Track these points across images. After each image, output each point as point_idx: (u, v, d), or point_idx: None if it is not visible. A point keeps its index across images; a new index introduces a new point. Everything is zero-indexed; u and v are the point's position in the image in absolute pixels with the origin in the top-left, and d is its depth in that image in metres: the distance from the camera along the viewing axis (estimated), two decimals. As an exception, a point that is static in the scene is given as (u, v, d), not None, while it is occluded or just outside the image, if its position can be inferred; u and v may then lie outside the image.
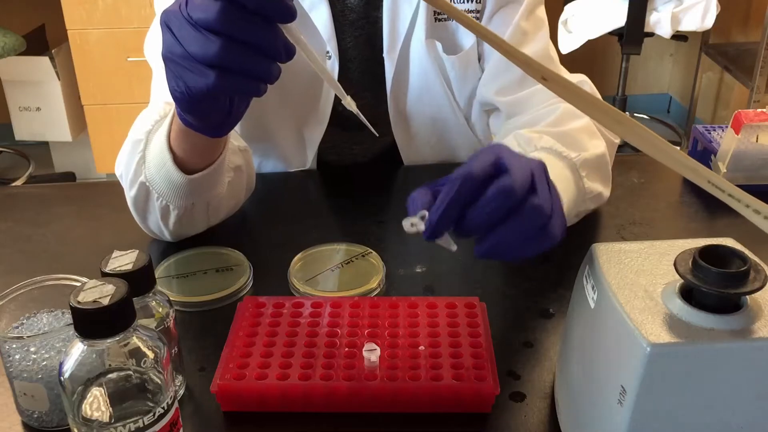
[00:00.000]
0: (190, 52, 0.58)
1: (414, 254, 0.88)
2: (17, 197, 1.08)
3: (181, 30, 0.58)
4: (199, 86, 0.59)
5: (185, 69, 0.59)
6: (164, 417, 0.54)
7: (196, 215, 0.86)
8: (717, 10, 2.48)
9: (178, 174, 0.78)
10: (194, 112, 0.66)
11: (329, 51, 1.00)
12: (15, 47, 2.49)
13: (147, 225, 0.88)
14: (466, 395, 0.64)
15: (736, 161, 0.96)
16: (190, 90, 0.60)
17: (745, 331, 0.51)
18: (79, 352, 0.52)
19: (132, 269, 0.60)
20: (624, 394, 0.51)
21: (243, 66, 0.58)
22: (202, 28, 0.56)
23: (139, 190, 0.83)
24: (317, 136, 1.05)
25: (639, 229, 0.93)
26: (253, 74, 0.59)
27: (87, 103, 2.58)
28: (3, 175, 2.91)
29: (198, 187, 0.81)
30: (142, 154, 0.81)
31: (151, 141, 0.81)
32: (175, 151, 0.78)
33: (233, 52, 0.57)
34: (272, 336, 0.70)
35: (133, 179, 0.83)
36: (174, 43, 0.59)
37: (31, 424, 0.65)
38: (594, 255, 0.59)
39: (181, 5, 0.58)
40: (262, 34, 0.57)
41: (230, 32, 0.56)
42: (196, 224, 0.88)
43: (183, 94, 0.61)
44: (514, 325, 0.76)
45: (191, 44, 0.57)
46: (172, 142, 0.77)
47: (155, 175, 0.80)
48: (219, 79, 0.58)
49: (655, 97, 3.48)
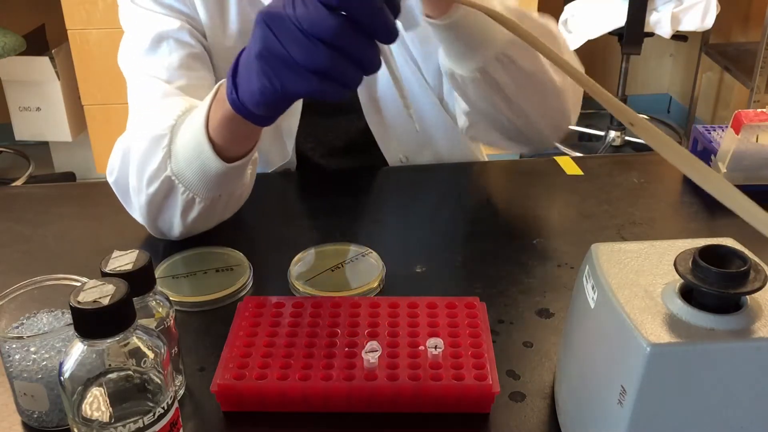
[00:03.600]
0: (294, 57, 0.60)
1: (414, 254, 0.88)
2: (17, 197, 1.08)
3: (287, 34, 0.60)
4: (297, 89, 0.62)
5: (285, 71, 0.61)
6: (164, 417, 0.54)
7: (218, 208, 0.86)
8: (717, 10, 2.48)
9: (217, 163, 0.78)
10: (270, 107, 0.68)
11: None
12: (15, 47, 2.49)
13: (156, 224, 0.87)
14: (466, 395, 0.64)
15: (736, 161, 0.96)
16: (285, 90, 0.63)
17: (745, 331, 0.51)
18: (79, 352, 0.52)
19: (132, 269, 0.60)
20: (624, 394, 0.51)
21: (342, 76, 0.61)
22: (313, 37, 0.59)
23: (160, 186, 0.82)
24: (293, 126, 1.06)
25: (639, 229, 0.93)
26: (346, 82, 0.62)
27: (87, 103, 2.58)
28: (3, 175, 2.91)
29: (231, 177, 0.81)
30: (167, 148, 0.81)
31: (177, 135, 0.81)
32: (214, 140, 0.77)
33: (338, 63, 0.59)
34: (272, 336, 0.70)
35: (153, 175, 0.82)
36: (276, 46, 0.60)
37: (31, 424, 0.65)
38: (594, 255, 0.59)
39: (287, 8, 0.59)
40: (368, 50, 0.60)
41: (341, 46, 0.59)
42: (212, 219, 0.88)
43: (274, 93, 0.64)
44: (514, 325, 0.76)
45: (298, 50, 0.59)
46: (212, 131, 0.77)
47: (185, 168, 0.80)
48: (318, 85, 0.61)
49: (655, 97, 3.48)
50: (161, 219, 0.87)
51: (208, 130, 0.77)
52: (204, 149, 0.78)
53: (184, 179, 0.81)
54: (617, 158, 1.02)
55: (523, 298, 0.81)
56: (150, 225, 0.88)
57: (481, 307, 0.74)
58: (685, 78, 3.35)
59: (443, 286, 0.83)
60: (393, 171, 1.11)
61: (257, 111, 0.69)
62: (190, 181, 0.81)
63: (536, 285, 0.83)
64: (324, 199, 1.02)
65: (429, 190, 1.08)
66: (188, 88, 0.93)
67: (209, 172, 0.79)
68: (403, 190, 1.07)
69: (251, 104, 0.68)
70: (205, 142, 0.77)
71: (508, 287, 0.82)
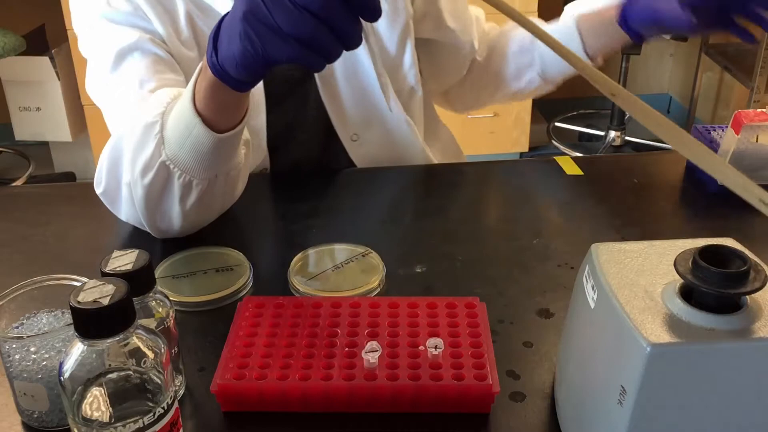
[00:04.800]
0: (279, 23, 0.62)
1: (414, 254, 0.88)
2: (17, 197, 1.08)
3: (274, 1, 0.62)
4: (278, 55, 0.64)
5: (268, 35, 0.63)
6: (164, 417, 0.54)
7: (216, 192, 0.85)
8: (717, 10, 2.47)
9: (208, 135, 0.78)
10: (250, 71, 0.69)
11: None
12: (15, 47, 2.49)
13: (154, 219, 0.87)
14: (466, 395, 0.64)
15: (736, 161, 0.96)
16: (267, 55, 0.65)
17: (745, 331, 0.51)
18: (79, 352, 0.52)
19: (132, 269, 0.60)
20: (624, 394, 0.51)
21: (323, 46, 0.63)
22: (300, 5, 0.61)
23: (156, 174, 0.82)
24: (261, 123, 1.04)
25: (639, 229, 0.93)
26: (327, 55, 0.64)
27: (87, 103, 2.58)
28: (3, 175, 2.91)
29: (224, 151, 0.81)
30: (159, 135, 0.81)
31: (168, 120, 0.81)
32: (202, 113, 0.78)
33: (322, 34, 0.62)
34: (272, 336, 0.70)
35: (147, 164, 0.82)
36: (262, 10, 0.62)
37: (31, 424, 0.65)
38: (594, 255, 0.59)
39: None
40: (350, 25, 0.62)
41: (326, 18, 0.61)
42: (211, 207, 0.88)
43: (255, 56, 0.65)
44: (514, 325, 0.76)
45: (284, 17, 0.62)
46: (199, 103, 0.77)
47: (178, 151, 0.80)
48: (300, 52, 0.63)
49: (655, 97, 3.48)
50: (159, 213, 0.86)
51: (195, 104, 0.78)
52: (194, 124, 0.78)
53: (179, 162, 0.81)
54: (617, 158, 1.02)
55: (523, 298, 0.81)
56: (149, 220, 0.87)
57: (481, 307, 0.74)
58: (685, 78, 3.35)
59: (443, 286, 0.83)
60: (393, 171, 1.11)
61: (236, 74, 0.70)
62: (185, 162, 0.81)
63: (536, 285, 0.83)
64: (324, 199, 1.02)
65: (429, 190, 1.08)
66: None
67: (202, 149, 0.79)
68: (403, 190, 1.07)
69: (230, 67, 0.69)
70: (193, 116, 0.78)
71: (508, 287, 0.82)
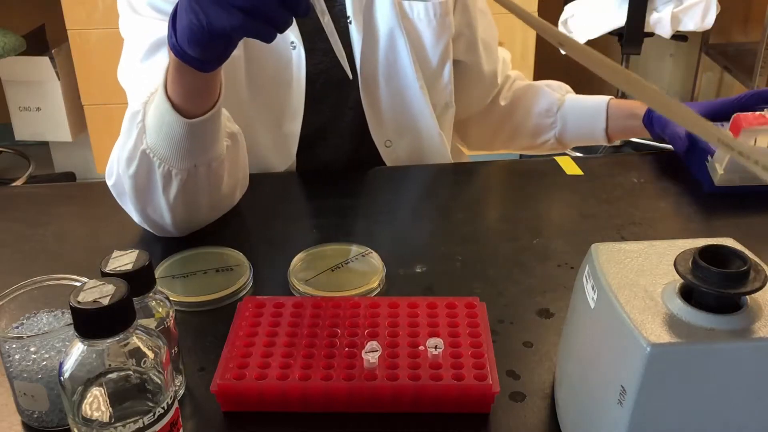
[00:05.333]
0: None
1: (414, 254, 0.88)
2: (17, 197, 1.08)
3: None
4: (222, 25, 0.64)
5: (212, 6, 0.64)
6: (164, 417, 0.54)
7: (199, 183, 0.85)
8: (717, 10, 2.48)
9: (177, 120, 0.78)
10: (201, 45, 0.70)
11: (294, 41, 1.01)
12: (15, 47, 2.49)
13: (146, 213, 0.87)
14: (466, 395, 0.64)
15: (733, 163, 0.96)
16: (211, 26, 0.65)
17: (745, 331, 0.51)
18: (79, 352, 0.52)
19: (132, 269, 0.60)
20: (624, 394, 0.51)
21: (267, 14, 0.63)
22: None
23: (139, 163, 0.82)
24: (296, 129, 1.05)
25: (639, 229, 0.93)
26: (273, 22, 0.64)
27: (87, 103, 2.58)
28: (3, 175, 2.91)
29: (199, 141, 0.81)
30: (141, 124, 0.82)
31: (149, 108, 0.82)
32: (171, 97, 0.78)
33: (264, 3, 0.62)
34: (272, 336, 0.70)
35: (132, 153, 0.82)
36: None
37: (31, 424, 0.65)
38: (594, 255, 0.59)
39: None
40: None
41: None
42: (199, 199, 0.87)
43: (201, 29, 0.66)
44: (514, 325, 0.76)
45: None
46: (169, 88, 0.78)
47: (156, 138, 0.80)
48: (243, 22, 0.63)
49: (655, 97, 3.47)
50: (149, 205, 0.86)
51: (166, 91, 0.78)
52: (165, 110, 0.78)
53: (157, 151, 0.81)
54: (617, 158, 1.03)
55: (523, 298, 0.81)
56: (142, 215, 0.88)
57: (481, 307, 0.74)
58: (685, 78, 3.34)
59: (443, 286, 0.83)
60: (393, 171, 1.11)
61: (190, 51, 0.71)
62: (162, 151, 0.81)
63: (536, 285, 0.83)
64: (324, 199, 1.02)
65: (429, 190, 1.08)
66: None
67: (175, 137, 0.80)
68: (403, 190, 1.07)
69: (184, 44, 0.70)
70: (164, 102, 0.78)
71: (508, 287, 0.82)
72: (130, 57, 0.97)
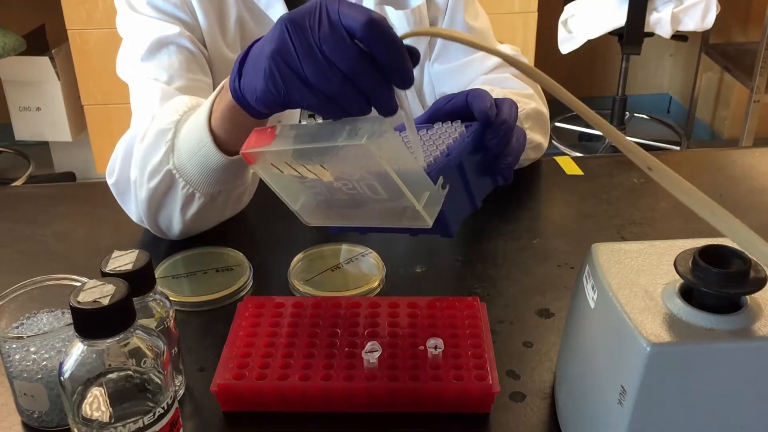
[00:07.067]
0: (307, 73, 0.58)
1: (414, 254, 0.88)
2: (17, 197, 1.08)
3: (305, 49, 0.58)
4: (300, 102, 0.61)
5: (294, 82, 0.60)
6: (164, 417, 0.54)
7: (217, 206, 0.85)
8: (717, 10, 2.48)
9: (218, 156, 0.78)
10: (272, 109, 0.67)
11: None
12: (15, 47, 2.49)
13: (156, 221, 0.87)
14: (466, 395, 0.64)
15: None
16: (288, 99, 0.61)
17: (745, 331, 0.51)
18: (79, 352, 0.52)
19: (132, 269, 0.60)
20: (624, 394, 0.51)
21: (348, 105, 0.59)
22: (331, 61, 0.57)
23: (162, 180, 0.82)
24: None
25: (639, 229, 0.93)
26: (351, 113, 0.60)
27: (87, 103, 2.58)
28: (3, 175, 2.91)
29: (232, 172, 0.81)
30: (171, 143, 0.81)
31: (181, 129, 0.81)
32: (216, 132, 0.77)
33: (348, 93, 0.58)
34: (272, 336, 0.70)
35: (155, 169, 0.82)
36: (292, 55, 0.59)
37: (31, 424, 0.65)
38: (594, 255, 0.59)
39: (311, 21, 0.58)
40: (381, 89, 0.58)
41: (353, 78, 0.57)
42: (211, 218, 0.88)
43: (277, 97, 0.62)
44: (514, 325, 0.76)
45: (313, 69, 0.58)
46: (214, 123, 0.77)
47: (186, 162, 0.80)
48: (323, 104, 0.59)
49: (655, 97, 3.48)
50: (161, 215, 0.86)
51: (210, 122, 0.77)
52: (205, 141, 0.78)
53: (185, 173, 0.81)
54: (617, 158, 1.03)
55: (523, 298, 0.81)
56: (150, 221, 0.88)
57: (481, 307, 0.74)
58: (685, 78, 3.35)
59: (443, 286, 0.83)
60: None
61: (256, 106, 0.68)
62: (190, 175, 0.81)
63: (536, 285, 0.83)
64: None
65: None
66: (187, 90, 0.93)
67: (210, 166, 0.79)
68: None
69: (251, 98, 0.67)
70: (206, 134, 0.77)
71: (508, 287, 0.82)
72: (130, 54, 0.97)
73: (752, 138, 2.76)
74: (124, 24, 0.99)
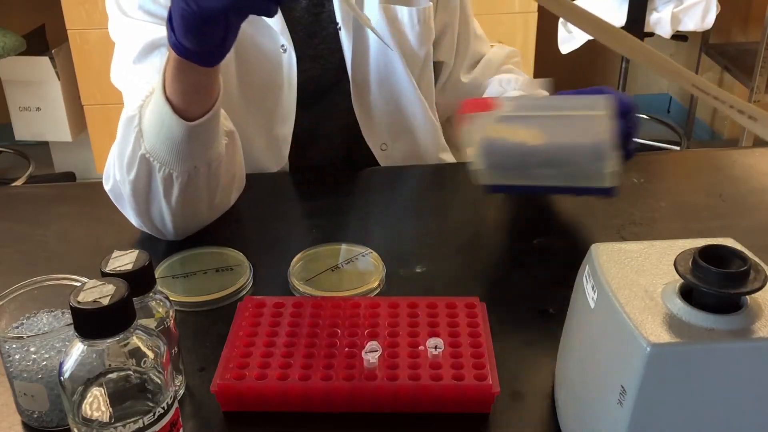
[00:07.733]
0: None
1: (414, 254, 0.88)
2: (17, 197, 1.08)
3: None
4: (212, 5, 0.64)
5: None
6: (164, 417, 0.54)
7: (199, 184, 0.85)
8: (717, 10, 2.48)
9: (178, 123, 0.78)
10: (195, 33, 0.69)
11: (284, 44, 1.02)
12: (15, 47, 2.49)
13: (149, 217, 0.87)
14: (466, 395, 0.64)
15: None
16: (202, 9, 0.64)
17: (745, 331, 0.51)
18: (79, 352, 0.52)
19: (132, 269, 0.60)
20: (624, 394, 0.51)
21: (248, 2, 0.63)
22: None
23: (139, 168, 0.82)
24: (288, 133, 1.06)
25: (639, 229, 0.93)
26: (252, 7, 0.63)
27: (87, 103, 2.57)
28: (3, 175, 2.91)
29: (199, 142, 0.81)
30: (138, 128, 0.81)
31: (145, 112, 0.81)
32: (171, 99, 0.78)
33: None
34: (272, 336, 0.70)
35: (131, 158, 0.82)
36: None
37: (31, 424, 0.65)
38: (594, 255, 0.59)
39: None
40: None
41: None
42: (199, 205, 0.87)
43: (193, 14, 0.65)
44: (514, 325, 0.76)
45: None
46: (168, 88, 0.78)
47: (155, 141, 0.80)
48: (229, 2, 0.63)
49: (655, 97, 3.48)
50: (152, 209, 0.86)
51: (165, 91, 0.78)
52: (164, 112, 0.78)
53: (157, 154, 0.81)
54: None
55: (523, 298, 0.81)
56: (144, 219, 0.88)
57: (481, 307, 0.74)
58: (685, 78, 3.34)
59: (443, 286, 0.83)
60: (393, 171, 1.11)
61: (189, 43, 0.70)
62: (161, 154, 0.81)
63: (536, 285, 0.83)
64: (323, 199, 1.02)
65: (429, 190, 1.08)
66: None
67: (175, 139, 0.79)
68: (403, 191, 1.07)
69: (181, 36, 0.70)
70: (164, 104, 0.78)
71: (508, 287, 0.82)
72: (122, 59, 0.97)
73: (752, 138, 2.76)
74: (117, 29, 0.99)
